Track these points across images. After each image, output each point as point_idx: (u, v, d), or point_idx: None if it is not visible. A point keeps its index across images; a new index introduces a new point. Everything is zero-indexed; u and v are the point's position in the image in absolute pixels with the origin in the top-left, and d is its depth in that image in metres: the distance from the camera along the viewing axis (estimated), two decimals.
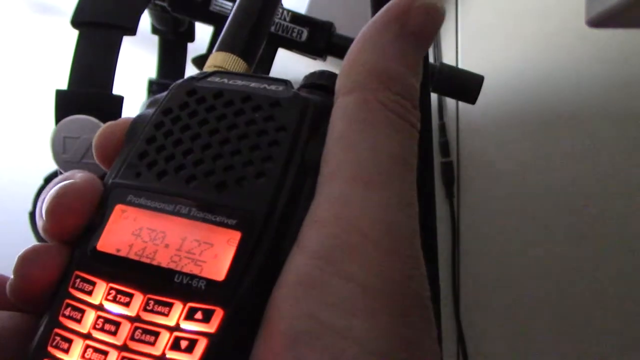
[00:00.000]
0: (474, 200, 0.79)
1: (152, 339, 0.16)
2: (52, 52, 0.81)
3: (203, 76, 0.21)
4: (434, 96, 0.76)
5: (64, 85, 0.46)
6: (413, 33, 0.19)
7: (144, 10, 0.49)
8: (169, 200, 0.18)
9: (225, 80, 0.21)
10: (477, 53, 0.79)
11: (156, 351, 0.16)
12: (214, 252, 0.17)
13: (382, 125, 0.18)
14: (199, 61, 0.56)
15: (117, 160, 0.20)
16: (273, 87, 0.20)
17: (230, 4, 0.52)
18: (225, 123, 0.19)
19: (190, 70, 0.64)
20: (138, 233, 0.18)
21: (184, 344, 0.16)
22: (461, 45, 0.80)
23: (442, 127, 0.79)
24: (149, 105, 0.21)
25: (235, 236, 0.17)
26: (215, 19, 0.52)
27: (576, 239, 0.75)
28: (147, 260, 0.17)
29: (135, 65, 0.62)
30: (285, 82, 0.20)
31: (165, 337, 0.16)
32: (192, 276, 0.17)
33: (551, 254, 0.76)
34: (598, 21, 0.34)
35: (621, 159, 0.73)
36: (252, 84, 0.20)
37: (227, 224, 0.17)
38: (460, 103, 0.77)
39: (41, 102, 0.57)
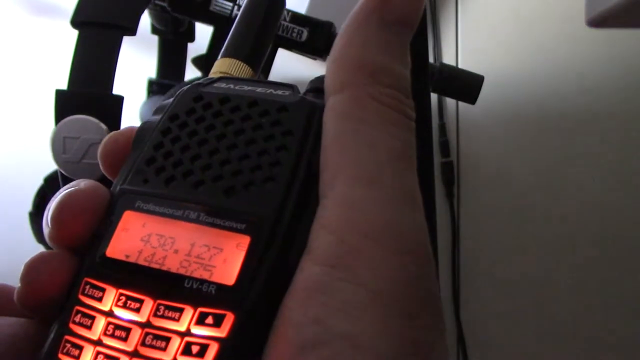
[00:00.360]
0: (474, 200, 0.79)
1: (163, 344, 0.16)
2: (51, 52, 0.81)
3: (209, 82, 0.21)
4: (434, 96, 0.76)
5: (64, 85, 0.46)
6: (395, 21, 0.19)
7: (144, 10, 0.49)
8: (178, 205, 0.18)
9: (232, 86, 0.21)
10: (477, 53, 0.79)
11: (167, 356, 0.16)
12: (223, 256, 0.17)
13: (377, 121, 0.18)
14: (199, 61, 0.56)
15: (124, 166, 0.20)
16: (279, 92, 0.20)
17: (230, 4, 0.52)
18: (233, 128, 0.19)
19: (190, 70, 0.64)
20: (147, 239, 0.18)
21: (195, 349, 0.16)
22: (461, 45, 0.80)
23: (442, 127, 0.79)
24: (155, 112, 0.21)
25: (245, 240, 0.17)
26: (215, 19, 0.52)
27: (576, 239, 0.75)
28: (157, 266, 0.17)
29: (135, 65, 0.62)
30: (291, 87, 0.20)
31: (176, 342, 0.16)
32: (202, 281, 0.17)
33: (551, 254, 0.76)
34: (598, 21, 0.34)
35: (622, 159, 0.73)
36: (259, 89, 0.20)
37: (236, 229, 0.17)
38: (460, 103, 0.77)
39: (41, 102, 0.57)
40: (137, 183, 0.19)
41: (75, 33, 0.47)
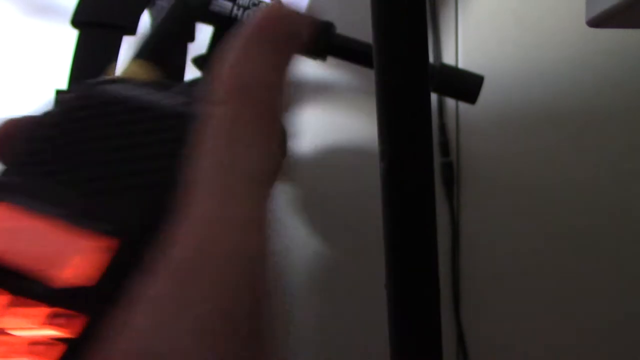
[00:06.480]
0: (474, 200, 0.79)
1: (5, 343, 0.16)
2: (50, 52, 0.81)
3: (102, 83, 0.21)
4: (434, 96, 0.76)
5: (64, 85, 0.46)
6: (275, 39, 0.20)
7: (144, 10, 0.49)
8: (43, 200, 0.18)
9: (121, 89, 0.21)
10: (477, 53, 0.79)
11: (12, 355, 0.16)
12: (80, 257, 0.17)
13: (240, 141, 0.18)
14: (199, 61, 0.56)
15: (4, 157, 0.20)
16: (167, 100, 0.20)
17: (230, 4, 0.52)
18: (109, 132, 0.19)
19: (191, 71, 0.64)
20: None
21: (40, 348, 0.16)
22: (461, 45, 0.80)
23: (442, 127, 0.79)
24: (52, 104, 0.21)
25: (106, 244, 0.17)
26: (215, 19, 0.52)
27: (576, 239, 0.75)
28: (5, 262, 0.17)
29: None
30: (188, 90, 0.21)
31: (21, 341, 0.16)
32: (54, 279, 0.16)
33: (551, 254, 0.76)
34: (598, 21, 0.34)
35: (622, 158, 0.73)
36: (146, 94, 0.21)
37: (97, 230, 0.17)
38: (460, 103, 0.77)
39: (41, 102, 0.57)
40: (7, 175, 0.19)
41: (74, 33, 0.47)
